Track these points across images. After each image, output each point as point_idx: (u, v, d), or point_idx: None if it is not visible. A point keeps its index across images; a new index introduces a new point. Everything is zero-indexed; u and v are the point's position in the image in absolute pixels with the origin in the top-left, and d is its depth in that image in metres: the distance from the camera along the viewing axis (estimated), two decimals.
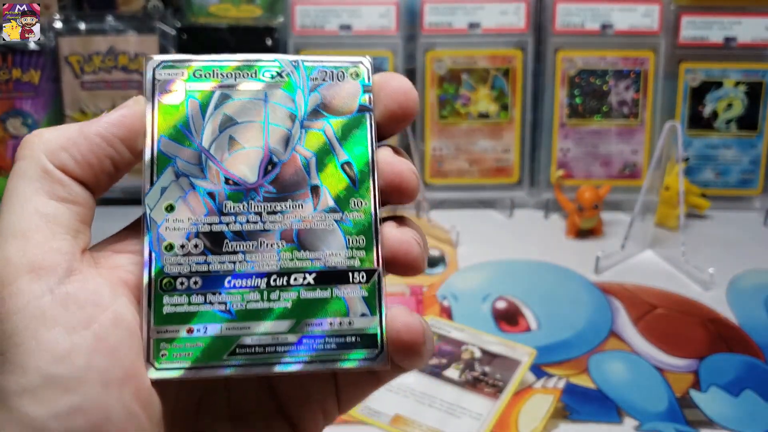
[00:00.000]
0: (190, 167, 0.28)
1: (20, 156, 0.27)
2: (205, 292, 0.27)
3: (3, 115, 0.79)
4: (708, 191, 0.79)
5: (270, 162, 0.28)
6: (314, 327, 0.28)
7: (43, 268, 0.25)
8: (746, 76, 0.78)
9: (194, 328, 0.27)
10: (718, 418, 0.50)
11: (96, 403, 0.24)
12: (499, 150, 0.80)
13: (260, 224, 0.28)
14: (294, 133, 0.29)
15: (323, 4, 0.78)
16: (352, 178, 0.29)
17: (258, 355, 0.27)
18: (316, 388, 0.30)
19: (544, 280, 0.67)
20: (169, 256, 0.27)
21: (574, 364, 0.55)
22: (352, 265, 0.28)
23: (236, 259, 0.28)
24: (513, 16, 0.78)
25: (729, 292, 0.65)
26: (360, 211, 0.29)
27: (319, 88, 0.29)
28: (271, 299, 0.28)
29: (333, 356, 0.28)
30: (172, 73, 0.29)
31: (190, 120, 0.28)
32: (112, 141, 0.27)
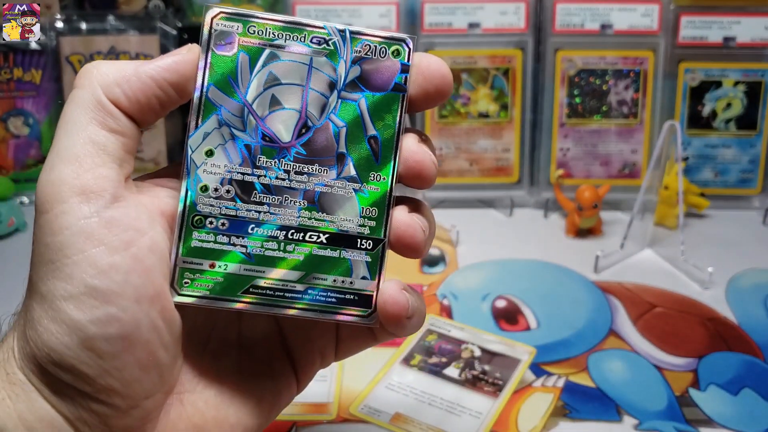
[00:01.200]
0: (232, 118, 0.30)
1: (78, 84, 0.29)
2: (230, 234, 0.30)
3: (4, 115, 0.79)
4: (707, 190, 0.79)
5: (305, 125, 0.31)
6: (320, 280, 0.31)
7: (93, 192, 0.28)
8: (745, 75, 0.78)
9: (216, 264, 0.30)
10: (718, 417, 0.50)
11: (129, 314, 0.28)
12: (499, 149, 0.80)
13: (287, 182, 0.31)
14: (331, 102, 0.31)
15: (323, 4, 0.79)
16: (375, 152, 0.31)
17: (267, 297, 0.30)
18: (319, 335, 0.34)
19: (544, 279, 0.67)
20: (203, 196, 0.30)
21: (573, 363, 0.55)
22: (362, 233, 0.31)
23: (262, 209, 0.30)
24: (513, 16, 0.78)
25: (728, 291, 0.65)
26: (377, 185, 0.31)
27: (361, 62, 0.31)
28: (287, 250, 0.30)
29: (331, 308, 0.31)
30: (229, 26, 0.30)
31: (239, 73, 0.30)
32: (162, 84, 0.30)
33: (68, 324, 0.27)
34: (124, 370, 0.28)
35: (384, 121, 0.31)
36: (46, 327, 0.27)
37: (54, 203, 0.28)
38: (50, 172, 0.28)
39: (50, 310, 0.27)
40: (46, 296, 0.27)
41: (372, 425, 0.49)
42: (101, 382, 0.28)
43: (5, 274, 0.68)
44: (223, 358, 0.32)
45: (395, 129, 0.31)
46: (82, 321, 0.27)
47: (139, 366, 0.28)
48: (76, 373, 0.27)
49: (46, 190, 0.28)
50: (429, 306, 0.62)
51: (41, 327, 0.27)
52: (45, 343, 0.27)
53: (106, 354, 0.27)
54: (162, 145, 0.79)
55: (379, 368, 0.54)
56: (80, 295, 0.27)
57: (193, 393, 0.31)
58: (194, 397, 0.31)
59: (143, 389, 0.29)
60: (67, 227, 0.27)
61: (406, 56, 0.31)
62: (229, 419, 0.31)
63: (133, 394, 0.28)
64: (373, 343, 0.34)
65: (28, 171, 0.81)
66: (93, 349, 0.27)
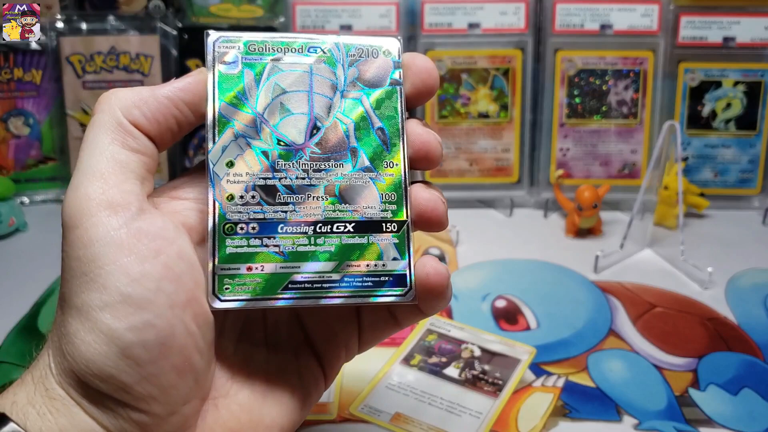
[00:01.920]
0: (246, 129, 0.32)
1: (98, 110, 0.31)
2: (262, 236, 0.32)
3: (5, 115, 0.79)
4: (707, 191, 0.80)
5: (315, 126, 0.33)
6: (353, 267, 0.32)
7: (120, 205, 0.29)
8: (745, 75, 0.78)
9: (253, 267, 0.31)
10: (717, 417, 0.50)
11: (164, 320, 0.28)
12: (499, 150, 0.80)
13: (307, 180, 0.32)
14: (335, 102, 0.33)
15: (324, 4, 0.79)
16: (384, 142, 0.33)
17: (307, 290, 0.32)
18: (341, 327, 0.35)
19: (544, 279, 0.67)
20: (230, 205, 0.31)
21: (573, 363, 0.56)
22: (385, 217, 0.33)
23: (287, 209, 0.32)
24: (512, 16, 0.78)
25: (728, 291, 0.65)
26: (392, 171, 0.33)
27: (357, 64, 0.33)
28: (318, 243, 0.32)
29: (369, 292, 0.32)
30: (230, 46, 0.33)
31: (246, 88, 0.32)
32: (178, 104, 0.31)
33: (105, 333, 0.28)
34: (162, 377, 0.28)
35: (387, 112, 0.33)
36: (83, 339, 0.28)
37: (82, 218, 0.28)
38: (76, 190, 0.29)
39: (87, 322, 0.28)
40: (81, 308, 0.28)
41: (372, 425, 0.49)
42: (140, 390, 0.28)
43: (5, 273, 0.68)
44: (253, 361, 0.33)
45: (399, 118, 0.33)
46: (119, 329, 0.28)
47: (175, 371, 0.29)
48: (115, 382, 0.28)
49: (73, 206, 0.29)
50: None
51: (78, 340, 0.28)
52: (83, 355, 0.28)
53: (144, 361, 0.28)
54: (163, 159, 0.79)
55: (379, 368, 0.54)
56: (115, 303, 0.28)
57: (226, 397, 0.32)
58: (228, 401, 0.32)
59: (180, 395, 0.29)
60: (97, 240, 0.28)
61: (397, 54, 0.34)
62: (264, 420, 0.32)
63: (171, 400, 0.29)
64: (397, 328, 0.36)
65: (29, 171, 0.81)
66: (131, 356, 0.28)
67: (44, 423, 0.28)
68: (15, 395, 0.29)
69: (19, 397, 0.29)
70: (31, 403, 0.28)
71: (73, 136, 0.79)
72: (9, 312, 0.61)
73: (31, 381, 0.29)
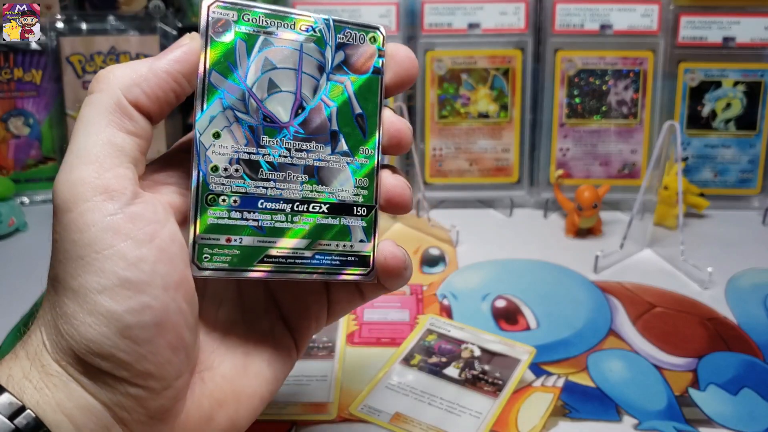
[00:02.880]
0: (235, 101, 0.32)
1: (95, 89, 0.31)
2: (242, 209, 0.32)
3: (5, 115, 0.79)
4: (707, 191, 0.80)
5: (301, 106, 0.33)
6: (324, 246, 0.34)
7: (115, 191, 0.29)
8: (745, 76, 0.79)
9: (232, 238, 0.32)
10: (717, 417, 0.50)
11: (159, 301, 0.29)
12: (499, 150, 0.80)
13: (289, 158, 0.33)
14: (321, 83, 0.34)
15: (323, 4, 0.79)
16: (362, 129, 0.34)
17: (281, 265, 0.33)
18: (312, 302, 0.37)
19: (544, 279, 0.67)
20: (214, 176, 0.32)
21: (573, 363, 0.56)
22: (357, 201, 0.34)
23: (268, 185, 0.33)
24: (512, 16, 0.78)
25: (728, 291, 0.65)
26: (366, 158, 0.34)
27: (344, 47, 0.34)
28: (294, 221, 0.33)
29: (337, 270, 0.34)
30: (224, 14, 0.32)
31: (237, 58, 0.32)
32: (177, 76, 0.31)
33: (105, 315, 0.28)
34: (158, 354, 0.30)
35: (367, 100, 0.34)
36: (82, 320, 0.29)
37: (77, 202, 0.29)
38: (70, 173, 0.29)
39: (85, 304, 0.29)
40: (79, 291, 0.29)
41: (372, 425, 0.49)
42: (138, 367, 0.29)
43: (5, 274, 0.68)
44: (232, 334, 0.35)
45: (377, 107, 0.34)
46: (118, 311, 0.29)
47: (170, 348, 0.30)
48: (114, 360, 0.29)
49: (67, 189, 0.29)
50: (429, 306, 0.62)
51: (77, 321, 0.29)
52: (83, 335, 0.29)
53: (142, 340, 0.29)
54: (162, 146, 0.79)
55: (379, 368, 0.54)
56: (114, 287, 0.29)
57: (210, 370, 0.34)
58: (212, 373, 0.34)
59: (174, 370, 0.31)
60: (93, 224, 0.29)
61: (381, 42, 0.35)
62: (246, 389, 0.34)
63: (166, 375, 0.30)
64: (361, 301, 0.38)
65: (29, 171, 0.81)
66: (130, 336, 0.29)
67: (41, 397, 0.29)
68: (10, 369, 0.30)
69: (15, 372, 0.29)
70: (27, 377, 0.29)
71: None
72: (9, 312, 0.61)
73: (25, 356, 0.30)
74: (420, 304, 0.63)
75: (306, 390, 0.52)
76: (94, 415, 0.29)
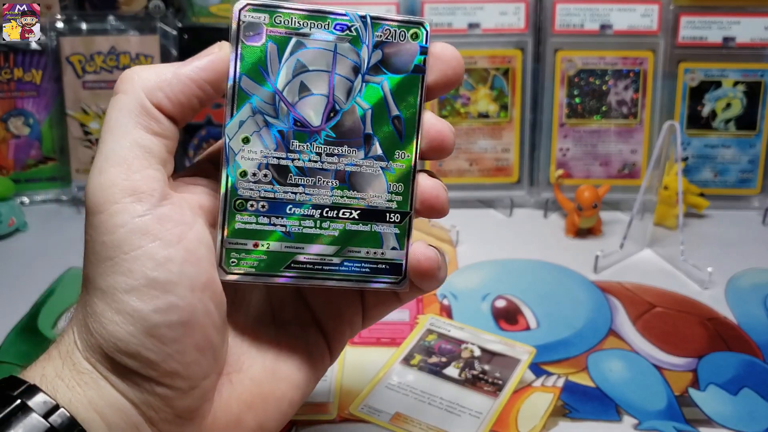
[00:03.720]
0: (265, 105, 0.32)
1: (120, 90, 0.31)
2: (270, 215, 0.32)
3: (5, 115, 0.79)
4: (707, 191, 0.80)
5: (333, 109, 0.32)
6: (354, 253, 0.33)
7: (143, 192, 0.30)
8: (745, 76, 0.78)
9: (259, 243, 0.32)
10: (717, 417, 0.50)
11: (186, 302, 0.30)
12: (499, 150, 0.80)
13: (319, 163, 0.32)
14: (356, 86, 0.32)
15: (323, 5, 0.78)
16: (399, 131, 0.33)
17: (308, 271, 0.33)
18: (346, 305, 0.37)
19: (544, 279, 0.67)
20: (242, 181, 0.32)
21: (573, 363, 0.56)
22: (390, 207, 0.33)
23: (297, 191, 0.32)
24: (512, 16, 0.78)
25: (728, 291, 0.65)
26: (402, 162, 0.33)
27: (382, 46, 0.32)
28: (323, 227, 0.33)
29: (366, 278, 0.33)
30: (256, 17, 0.32)
31: (268, 62, 0.32)
32: (201, 84, 0.31)
33: (132, 314, 0.29)
34: (185, 354, 0.30)
35: (406, 101, 0.33)
36: (111, 319, 0.29)
37: (107, 204, 0.29)
38: (100, 176, 0.30)
39: (113, 303, 0.29)
40: (107, 291, 0.29)
41: (372, 425, 0.49)
42: (165, 366, 0.30)
43: (5, 274, 0.68)
44: (262, 337, 0.35)
45: (417, 108, 0.33)
46: (144, 311, 0.29)
47: (197, 349, 0.30)
48: (141, 359, 0.29)
49: (97, 192, 0.30)
50: (429, 306, 0.62)
51: (105, 319, 0.29)
52: (111, 334, 0.29)
53: (169, 340, 0.29)
54: None
55: (379, 368, 0.54)
56: (141, 287, 0.29)
57: (240, 372, 0.34)
58: (241, 376, 0.34)
59: (201, 370, 0.31)
60: (122, 225, 0.29)
61: (423, 39, 0.33)
62: (275, 393, 0.34)
63: (192, 375, 0.31)
64: (398, 304, 0.37)
65: (29, 171, 0.81)
66: (156, 335, 0.29)
67: (73, 395, 0.29)
68: (44, 368, 0.30)
69: (48, 371, 0.30)
70: (59, 376, 0.30)
71: (73, 136, 0.79)
72: (9, 312, 0.61)
73: (58, 356, 0.30)
74: (420, 304, 0.63)
75: None
76: (124, 413, 0.30)
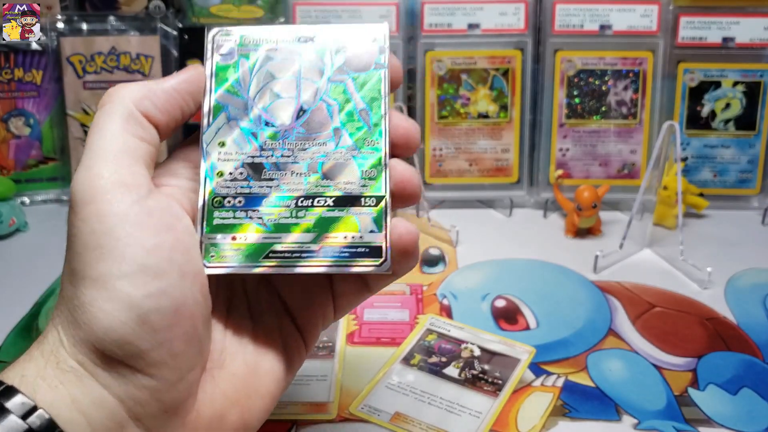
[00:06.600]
0: (239, 113, 0.35)
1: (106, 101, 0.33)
2: (247, 209, 0.34)
3: (5, 115, 0.80)
4: (706, 191, 0.80)
5: (301, 109, 0.35)
6: (332, 239, 0.34)
7: (132, 185, 0.31)
8: (744, 76, 0.79)
9: (237, 237, 0.34)
10: (717, 416, 0.50)
11: (177, 289, 0.31)
12: (499, 150, 0.81)
13: (292, 157, 0.35)
14: (321, 86, 0.35)
15: (324, 5, 0.79)
16: (367, 122, 0.35)
17: (286, 259, 0.34)
18: (316, 296, 0.38)
19: (543, 279, 0.68)
20: (220, 180, 0.34)
21: (572, 363, 0.56)
22: (364, 193, 0.34)
23: (272, 184, 0.34)
24: (512, 16, 0.78)
25: (727, 291, 0.65)
26: (372, 149, 0.35)
27: (344, 50, 0.36)
28: (299, 216, 0.34)
29: (347, 262, 0.34)
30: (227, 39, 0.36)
31: (241, 77, 0.35)
32: (184, 94, 0.34)
33: (124, 301, 0.29)
34: (173, 343, 0.30)
35: (371, 95, 0.35)
36: (101, 307, 0.29)
37: (97, 194, 0.30)
38: (89, 170, 0.31)
39: (104, 291, 0.29)
40: (98, 279, 0.29)
41: (372, 424, 0.49)
42: (153, 356, 0.30)
43: (6, 273, 0.68)
44: (241, 333, 0.36)
45: (381, 99, 0.35)
46: (136, 296, 0.29)
47: (185, 339, 0.31)
48: (131, 348, 0.30)
49: (86, 184, 0.30)
50: (429, 306, 0.63)
51: (95, 308, 0.29)
52: (101, 323, 0.29)
53: (159, 327, 0.30)
54: (162, 146, 0.80)
55: (379, 368, 0.54)
56: (133, 272, 0.29)
57: (221, 368, 0.34)
58: (223, 372, 0.34)
59: (188, 361, 0.31)
60: (112, 214, 0.30)
61: (383, 39, 0.36)
62: (258, 389, 0.35)
63: (179, 366, 0.31)
64: (368, 293, 0.38)
65: (29, 171, 0.81)
66: (147, 322, 0.30)
67: (56, 394, 0.29)
68: (24, 369, 0.30)
69: (28, 371, 0.30)
70: (41, 376, 0.30)
71: (74, 137, 0.79)
72: (9, 312, 0.61)
73: (40, 355, 0.30)
74: (420, 303, 0.63)
75: (306, 389, 0.52)
76: (109, 410, 0.30)
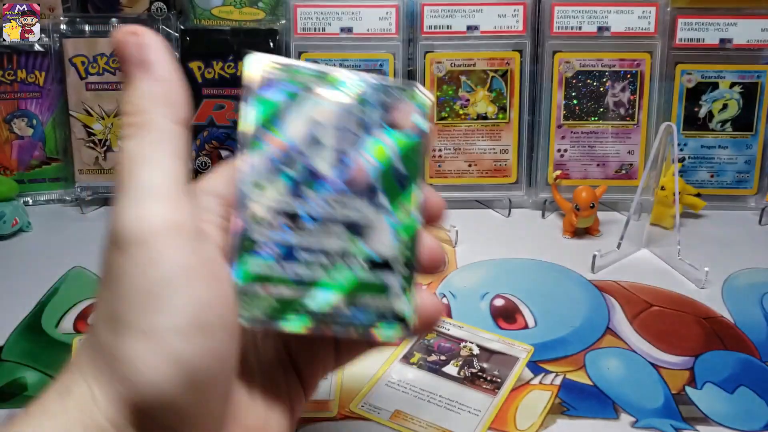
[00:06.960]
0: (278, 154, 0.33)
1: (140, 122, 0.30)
2: (281, 260, 0.32)
3: (8, 116, 0.80)
4: (703, 191, 0.80)
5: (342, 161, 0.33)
6: (362, 302, 0.33)
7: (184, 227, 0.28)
8: (742, 77, 0.79)
9: (269, 288, 0.32)
10: (714, 415, 0.51)
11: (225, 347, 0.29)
12: (498, 151, 0.81)
13: (329, 212, 0.33)
14: (363, 141, 0.34)
15: (324, 6, 0.79)
16: (404, 188, 0.34)
17: (317, 318, 0.33)
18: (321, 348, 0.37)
19: (542, 278, 0.68)
20: (255, 225, 0.32)
21: (570, 361, 0.56)
22: (396, 258, 0.34)
23: (307, 236, 0.33)
24: (511, 18, 0.79)
25: (724, 291, 0.66)
26: (407, 215, 0.34)
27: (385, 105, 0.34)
28: (332, 275, 0.33)
29: (372, 326, 0.33)
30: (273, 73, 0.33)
31: (282, 115, 0.33)
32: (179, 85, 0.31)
33: (174, 357, 0.27)
34: (211, 403, 0.28)
35: (410, 159, 0.34)
36: (149, 363, 0.26)
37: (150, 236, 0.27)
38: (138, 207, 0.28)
39: (156, 345, 0.27)
40: (149, 332, 0.27)
41: (372, 422, 0.49)
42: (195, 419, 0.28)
43: (9, 273, 0.68)
44: (253, 387, 0.34)
45: (418, 165, 0.34)
46: (187, 353, 0.27)
47: (222, 399, 0.29)
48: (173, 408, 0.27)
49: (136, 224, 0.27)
50: None
51: (142, 364, 0.26)
52: (148, 380, 0.26)
53: (205, 387, 0.28)
54: None
55: (379, 366, 0.55)
56: (186, 328, 0.27)
57: (234, 421, 0.32)
58: (234, 426, 0.32)
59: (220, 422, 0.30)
60: (165, 261, 0.27)
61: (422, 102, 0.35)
62: None
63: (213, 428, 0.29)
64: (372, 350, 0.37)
65: (32, 172, 0.82)
66: (194, 381, 0.27)
67: None
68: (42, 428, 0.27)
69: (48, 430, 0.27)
70: None
71: (76, 137, 0.80)
72: (13, 311, 0.62)
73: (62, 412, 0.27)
74: None
75: None
76: None
